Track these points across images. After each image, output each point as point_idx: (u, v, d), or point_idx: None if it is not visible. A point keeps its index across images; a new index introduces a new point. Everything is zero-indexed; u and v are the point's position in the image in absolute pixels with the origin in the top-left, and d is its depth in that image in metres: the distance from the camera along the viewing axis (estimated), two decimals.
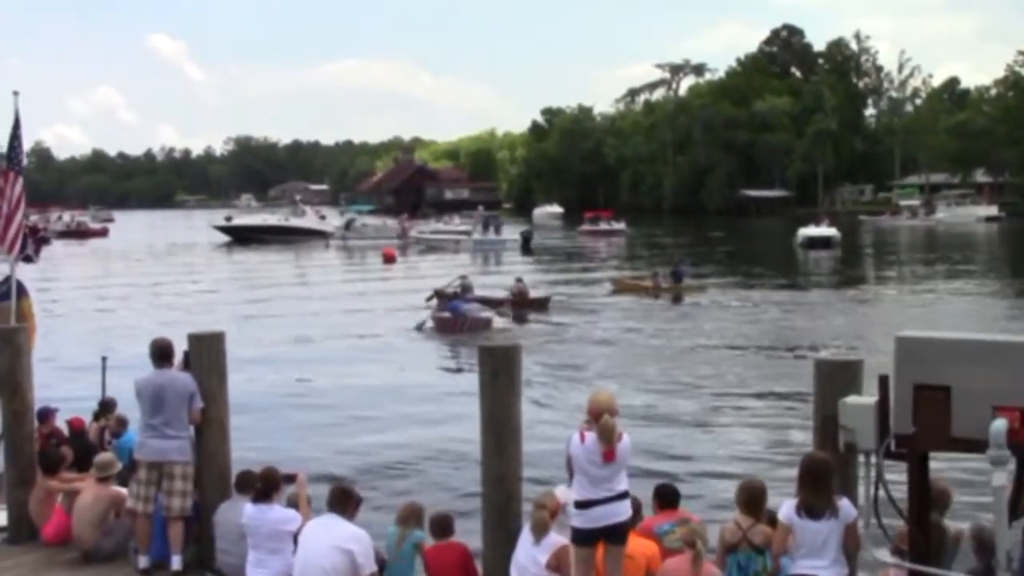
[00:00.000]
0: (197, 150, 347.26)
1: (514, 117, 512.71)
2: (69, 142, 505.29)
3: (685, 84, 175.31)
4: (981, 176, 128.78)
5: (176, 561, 9.75)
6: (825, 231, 75.22)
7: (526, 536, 8.31)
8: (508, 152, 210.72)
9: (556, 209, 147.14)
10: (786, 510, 7.26)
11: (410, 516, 9.10)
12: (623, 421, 7.86)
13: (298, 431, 19.70)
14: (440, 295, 37.39)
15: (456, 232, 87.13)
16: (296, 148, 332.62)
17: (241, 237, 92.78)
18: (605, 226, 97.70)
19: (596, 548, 7.78)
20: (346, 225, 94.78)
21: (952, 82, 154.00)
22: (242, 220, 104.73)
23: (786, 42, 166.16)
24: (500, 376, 8.63)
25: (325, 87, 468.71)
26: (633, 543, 8.05)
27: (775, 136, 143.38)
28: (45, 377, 11.31)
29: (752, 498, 8.00)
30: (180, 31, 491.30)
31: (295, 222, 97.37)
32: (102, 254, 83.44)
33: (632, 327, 34.09)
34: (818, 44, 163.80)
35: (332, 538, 8.24)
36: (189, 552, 9.90)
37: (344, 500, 8.50)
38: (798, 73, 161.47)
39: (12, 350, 10.91)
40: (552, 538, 8.17)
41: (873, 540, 7.18)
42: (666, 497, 9.10)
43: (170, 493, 9.74)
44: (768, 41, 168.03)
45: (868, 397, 7.22)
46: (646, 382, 24.18)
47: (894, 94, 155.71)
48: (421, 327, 33.45)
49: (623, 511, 7.76)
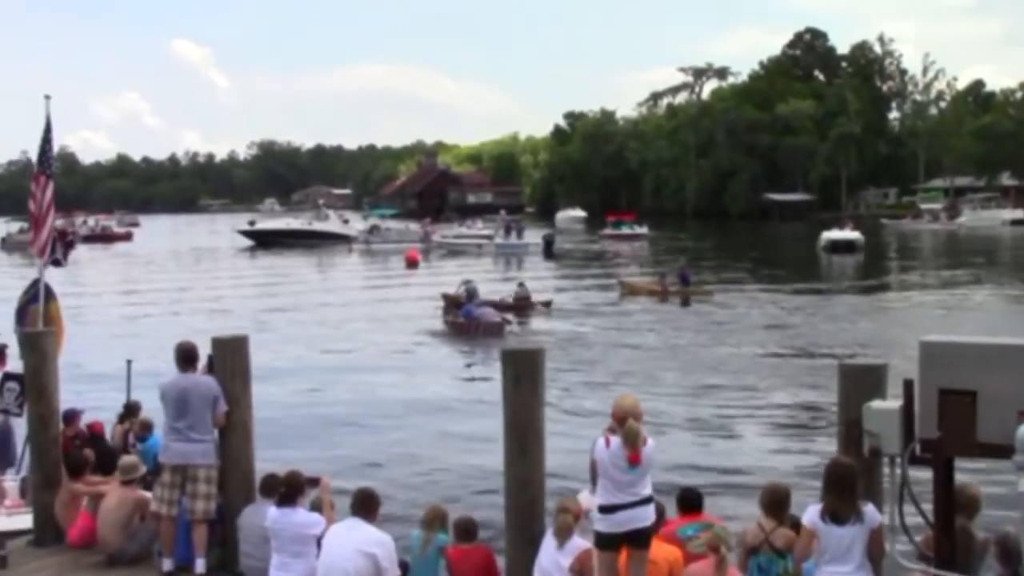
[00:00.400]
0: (221, 155, 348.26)
1: (537, 121, 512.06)
2: (94, 147, 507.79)
3: (708, 87, 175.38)
4: (1006, 179, 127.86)
5: (200, 564, 9.77)
6: (848, 235, 74.82)
7: (549, 540, 8.30)
8: (531, 156, 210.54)
9: (579, 213, 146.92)
10: (811, 515, 7.22)
11: (434, 519, 9.11)
12: (646, 425, 7.85)
13: (321, 434, 19.76)
14: (448, 300, 37.66)
15: (479, 236, 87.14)
16: (319, 152, 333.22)
17: (264, 241, 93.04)
18: (627, 230, 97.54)
19: (619, 552, 7.76)
20: (369, 230, 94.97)
21: (977, 85, 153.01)
22: (265, 224, 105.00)
23: (809, 45, 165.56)
24: (523, 380, 8.61)
25: (348, 91, 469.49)
26: (656, 548, 8.02)
27: (798, 139, 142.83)
28: (70, 380, 11.36)
29: (775, 501, 7.98)
30: (204, 37, 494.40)
31: (318, 226, 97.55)
32: (126, 258, 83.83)
33: (649, 330, 34.16)
34: (842, 47, 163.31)
35: (355, 542, 8.25)
36: (213, 555, 9.93)
37: (367, 504, 8.51)
38: (821, 76, 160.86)
39: (38, 354, 10.98)
40: (575, 542, 8.16)
41: (898, 546, 7.15)
42: (689, 501, 9.07)
43: (194, 496, 9.77)
44: (791, 44, 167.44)
45: (893, 402, 7.19)
46: (667, 386, 24.13)
47: (918, 97, 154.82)
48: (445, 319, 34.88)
49: (647, 515, 7.75)
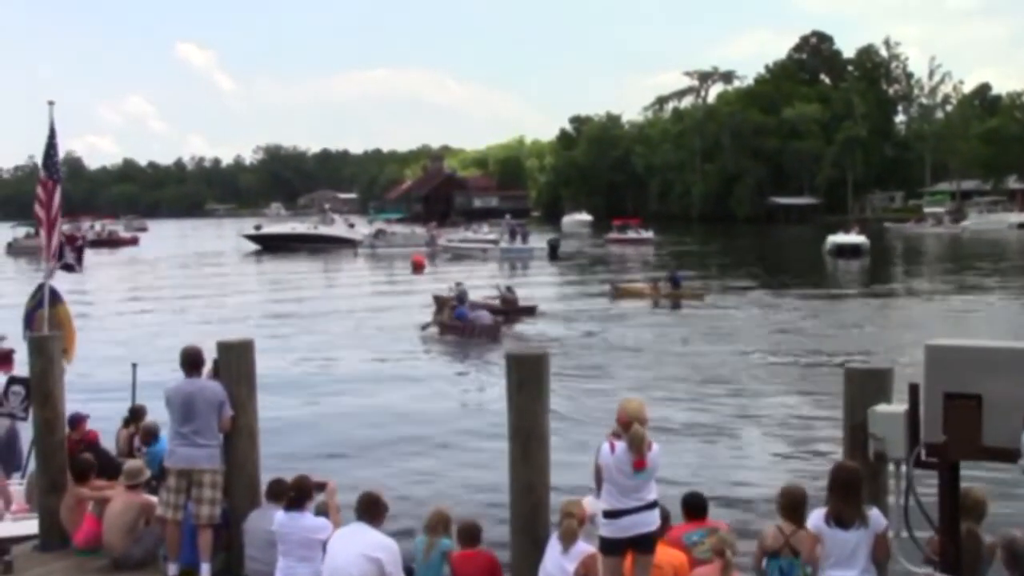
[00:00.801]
0: (227, 159, 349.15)
1: (543, 125, 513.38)
2: (100, 152, 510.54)
3: (714, 91, 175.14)
4: (1013, 183, 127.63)
5: (205, 569, 9.78)
6: (854, 239, 74.71)
7: (554, 545, 8.29)
8: (537, 160, 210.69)
9: (585, 217, 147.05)
10: (815, 519, 7.22)
11: (438, 524, 9.11)
12: (650, 429, 7.85)
13: (323, 439, 19.76)
14: (439, 302, 37.89)
15: (484, 240, 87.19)
16: (325, 157, 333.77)
17: (270, 245, 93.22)
18: (633, 234, 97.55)
19: (624, 557, 7.76)
20: (375, 234, 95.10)
21: (983, 88, 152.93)
22: (271, 229, 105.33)
23: (815, 49, 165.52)
24: (527, 385, 8.61)
25: (354, 96, 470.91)
26: (661, 552, 8.03)
27: (804, 143, 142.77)
28: (75, 384, 11.38)
29: (793, 503, 7.99)
30: (210, 41, 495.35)
31: (324, 230, 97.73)
32: (133, 263, 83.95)
33: (648, 334, 34.20)
34: (847, 51, 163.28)
35: (360, 546, 8.25)
36: (218, 559, 9.94)
37: (373, 508, 8.51)
38: (827, 80, 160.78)
39: (44, 358, 10.99)
40: (580, 547, 8.16)
41: (904, 550, 7.14)
42: (695, 506, 9.06)
43: (199, 501, 9.79)
44: (797, 48, 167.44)
45: (898, 406, 7.18)
46: (671, 390, 24.04)
47: (924, 100, 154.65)
48: (426, 327, 34.75)
49: (652, 520, 7.75)
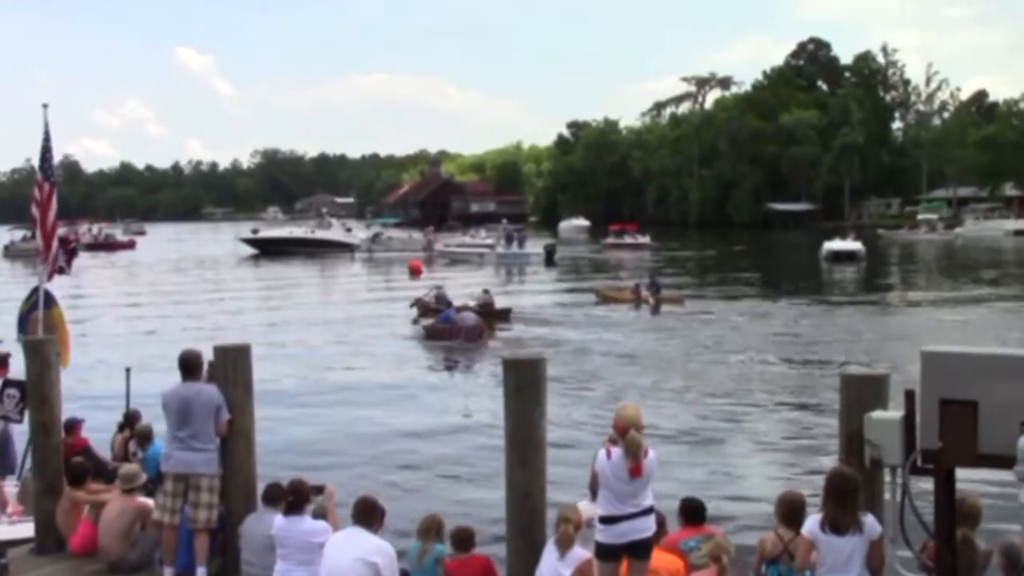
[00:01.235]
0: (224, 163, 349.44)
1: (540, 130, 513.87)
2: (97, 155, 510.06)
3: (711, 97, 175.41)
4: (1009, 190, 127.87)
5: (201, 573, 9.76)
6: (850, 245, 74.87)
7: (550, 550, 8.29)
8: (534, 165, 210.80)
9: (582, 222, 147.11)
10: (810, 525, 7.23)
11: (430, 528, 9.10)
12: (646, 436, 7.86)
13: (320, 443, 19.77)
14: (421, 305, 38.54)
15: (481, 245, 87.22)
16: (323, 161, 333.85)
17: (267, 250, 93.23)
18: (630, 239, 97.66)
19: (620, 563, 7.77)
20: (372, 238, 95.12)
21: (980, 95, 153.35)
22: (269, 233, 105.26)
23: (813, 55, 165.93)
24: (524, 390, 8.59)
25: (352, 100, 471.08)
26: (657, 558, 8.03)
27: (801, 149, 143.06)
28: (69, 388, 11.38)
29: (792, 510, 7.99)
30: (208, 45, 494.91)
31: (321, 235, 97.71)
32: (129, 267, 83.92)
33: (641, 339, 34.25)
34: (845, 57, 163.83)
35: (357, 551, 8.24)
36: (214, 564, 9.93)
37: (369, 512, 8.50)
38: (825, 86, 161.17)
39: (41, 361, 10.97)
40: (576, 552, 8.15)
41: (899, 557, 7.15)
42: (692, 512, 9.05)
43: (196, 505, 9.77)
44: (795, 54, 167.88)
45: (894, 412, 7.19)
46: (665, 396, 24.07)
47: (921, 107, 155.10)
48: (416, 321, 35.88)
49: (648, 526, 7.75)
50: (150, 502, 10.44)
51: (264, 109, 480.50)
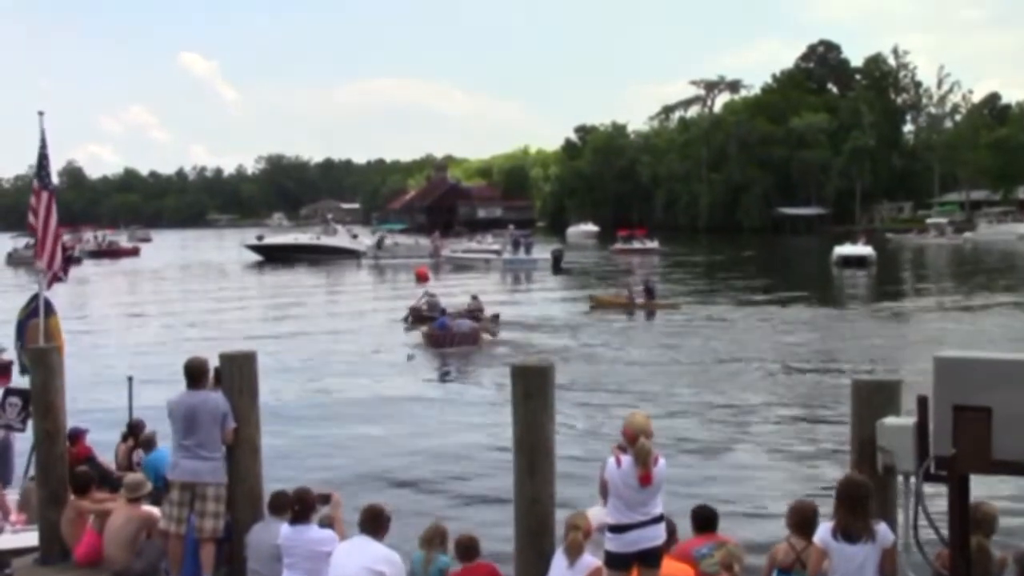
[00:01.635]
0: (229, 169, 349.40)
1: (547, 135, 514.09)
2: (101, 161, 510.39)
3: (720, 101, 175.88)
4: (1023, 193, 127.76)
5: None
6: (860, 250, 74.69)
7: (560, 559, 8.28)
8: (541, 170, 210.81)
9: (591, 228, 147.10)
10: (822, 533, 7.22)
11: (434, 537, 9.10)
12: (655, 443, 7.86)
13: (326, 451, 19.81)
14: (414, 312, 39.52)
15: (487, 251, 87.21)
16: (328, 167, 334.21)
17: (272, 256, 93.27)
18: (638, 245, 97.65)
19: (630, 572, 7.77)
20: (377, 243, 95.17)
21: (992, 98, 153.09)
22: (273, 239, 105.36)
23: (823, 58, 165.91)
24: (533, 396, 8.59)
25: (357, 105, 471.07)
26: (668, 566, 8.02)
27: (812, 153, 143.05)
28: (71, 398, 11.40)
29: (804, 520, 7.98)
30: (212, 50, 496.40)
31: (327, 241, 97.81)
32: (133, 274, 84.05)
33: (647, 344, 34.30)
34: (855, 60, 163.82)
35: (364, 560, 8.25)
36: (220, 573, 9.94)
37: (376, 521, 8.51)
38: (835, 89, 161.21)
39: (45, 370, 10.99)
40: (586, 560, 8.13)
41: (912, 564, 7.14)
42: (704, 520, 9.02)
43: (202, 514, 9.78)
44: (805, 57, 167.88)
45: (907, 418, 7.18)
46: (674, 403, 24.05)
47: (933, 110, 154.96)
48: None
49: (658, 535, 7.75)
50: (156, 511, 10.44)
51: (269, 114, 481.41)
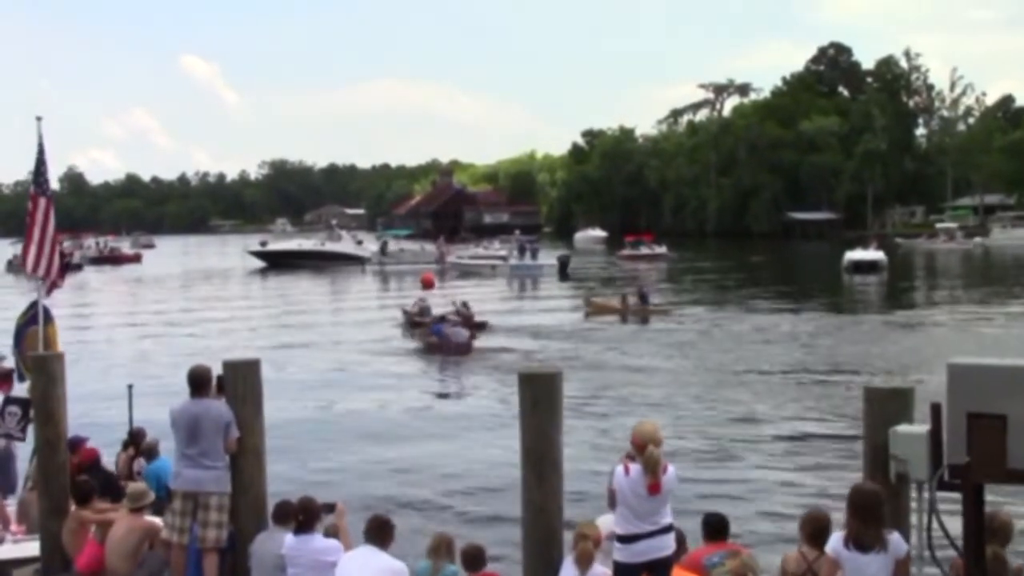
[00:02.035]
0: (231, 174, 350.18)
1: (554, 139, 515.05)
2: (103, 167, 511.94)
3: (729, 104, 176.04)
4: None
5: None
6: (871, 255, 74.55)
7: (569, 568, 8.26)
8: (548, 175, 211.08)
9: (599, 233, 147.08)
10: (833, 543, 7.20)
11: (440, 546, 9.10)
12: (664, 452, 7.85)
13: (331, 460, 19.83)
14: (408, 316, 40.91)
15: (493, 257, 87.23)
16: (332, 172, 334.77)
17: (276, 263, 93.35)
18: (646, 250, 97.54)
19: None
20: (381, 249, 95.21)
21: (1006, 100, 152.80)
22: (277, 245, 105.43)
23: (833, 60, 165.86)
24: (540, 405, 8.59)
25: (361, 109, 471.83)
26: (677, 574, 8.01)
27: (822, 157, 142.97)
28: (72, 406, 11.42)
29: (817, 530, 7.97)
30: (213, 53, 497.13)
31: (331, 247, 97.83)
32: (135, 281, 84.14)
33: (654, 351, 34.35)
34: (866, 62, 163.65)
35: (370, 570, 8.25)
36: None
37: (382, 530, 8.52)
38: (846, 92, 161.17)
39: (47, 378, 11.01)
40: (596, 570, 8.09)
41: (926, 575, 7.12)
42: (715, 528, 8.98)
43: (205, 524, 9.79)
44: (815, 59, 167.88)
45: (920, 426, 7.17)
46: (683, 410, 24.04)
47: (946, 113, 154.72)
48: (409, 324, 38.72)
49: (667, 544, 7.74)
50: (158, 521, 10.45)
51: (271, 118, 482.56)
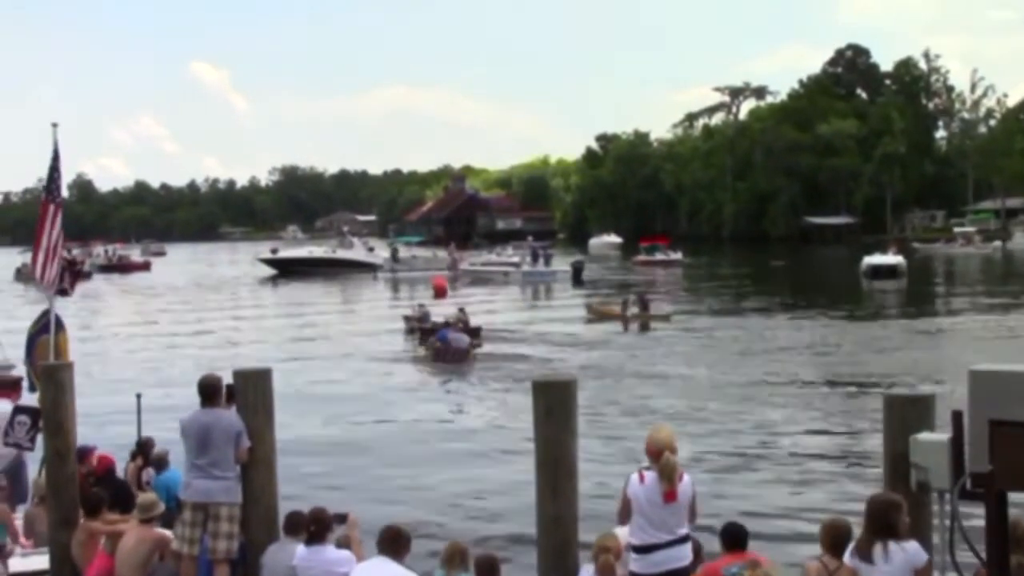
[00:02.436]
0: (241, 181, 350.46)
1: (568, 143, 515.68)
2: (112, 174, 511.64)
3: (745, 107, 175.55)
4: None
5: None
6: (890, 259, 74.31)
7: None
8: (562, 180, 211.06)
9: (614, 239, 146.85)
10: (849, 552, 7.19)
11: (454, 556, 9.09)
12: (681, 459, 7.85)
13: (342, 470, 19.86)
14: (410, 323, 41.92)
15: (506, 264, 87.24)
16: (343, 178, 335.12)
17: (287, 270, 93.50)
18: (661, 256, 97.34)
19: None
20: (392, 255, 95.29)
21: None
22: (288, 252, 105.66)
23: (851, 62, 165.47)
24: (555, 413, 8.60)
25: (373, 114, 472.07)
26: None
27: (840, 160, 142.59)
28: (80, 415, 11.45)
29: (837, 538, 7.94)
30: (222, 59, 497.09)
31: (342, 254, 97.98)
32: (144, 289, 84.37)
33: (667, 357, 34.41)
34: (885, 64, 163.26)
35: None
36: None
37: (396, 541, 8.51)
38: (864, 95, 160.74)
39: (56, 387, 11.03)
40: None
41: None
42: (734, 537, 8.93)
43: (215, 535, 9.79)
44: (832, 62, 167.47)
45: (941, 434, 7.15)
46: (700, 418, 24.00)
47: (966, 115, 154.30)
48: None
49: (684, 555, 7.73)
50: (168, 533, 10.46)
51: (282, 124, 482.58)
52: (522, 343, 38.87)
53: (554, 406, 8.60)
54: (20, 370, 14.85)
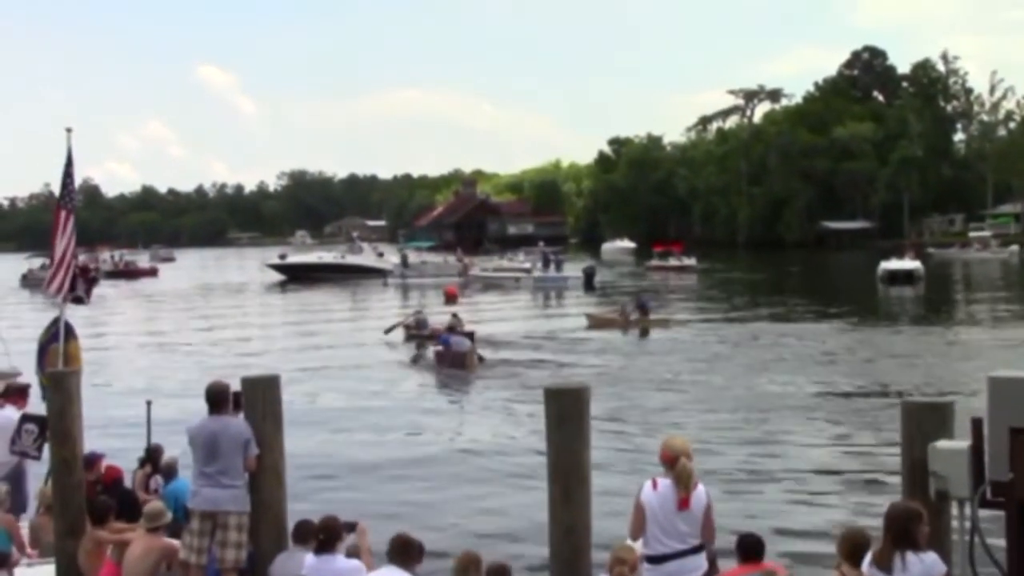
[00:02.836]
0: (250, 186, 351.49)
1: (580, 147, 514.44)
2: (118, 179, 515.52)
3: (760, 111, 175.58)
4: None
5: None
6: (907, 265, 73.98)
7: None
8: (574, 184, 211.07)
9: (627, 244, 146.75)
10: (870, 562, 7.17)
11: (468, 565, 9.08)
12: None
13: (352, 478, 19.85)
14: (408, 329, 42.53)
15: (517, 269, 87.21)
16: (352, 182, 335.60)
17: (296, 276, 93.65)
18: (675, 261, 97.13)
19: None
20: (402, 261, 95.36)
21: None
22: (297, 258, 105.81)
23: (867, 64, 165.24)
24: (568, 421, 8.58)
25: (382, 118, 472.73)
26: None
27: (857, 164, 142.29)
28: (88, 422, 11.46)
29: (855, 548, 7.91)
30: (230, 63, 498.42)
31: (352, 260, 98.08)
32: (151, 295, 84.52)
33: (678, 364, 34.38)
34: (902, 66, 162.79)
35: None
36: None
37: (406, 551, 8.50)
38: (881, 97, 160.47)
39: (63, 395, 11.04)
40: None
41: None
42: (751, 547, 8.91)
43: (224, 544, 9.81)
44: (848, 64, 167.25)
45: (961, 442, 7.12)
46: (713, 426, 23.90)
47: (985, 117, 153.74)
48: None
49: (699, 565, 7.71)
50: (176, 542, 10.47)
51: (290, 128, 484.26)
52: (529, 349, 38.88)
53: (567, 414, 8.59)
54: (27, 378, 14.84)
